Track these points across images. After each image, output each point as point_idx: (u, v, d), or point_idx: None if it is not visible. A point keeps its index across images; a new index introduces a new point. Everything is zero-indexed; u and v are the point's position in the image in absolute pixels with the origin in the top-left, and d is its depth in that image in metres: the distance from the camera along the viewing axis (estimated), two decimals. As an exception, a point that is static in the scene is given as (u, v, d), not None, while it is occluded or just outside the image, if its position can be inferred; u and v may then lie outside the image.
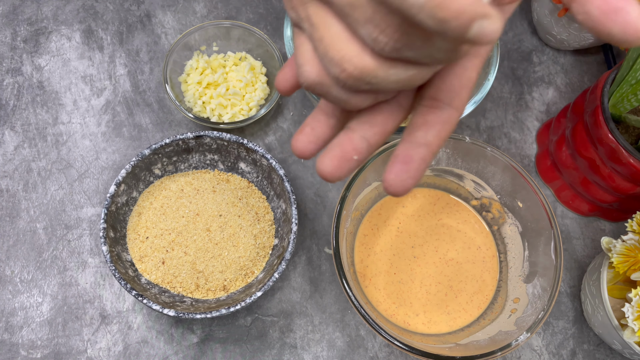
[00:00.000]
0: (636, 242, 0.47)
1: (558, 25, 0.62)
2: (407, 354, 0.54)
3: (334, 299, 0.56)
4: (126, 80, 0.63)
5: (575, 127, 0.54)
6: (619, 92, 0.50)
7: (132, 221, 0.55)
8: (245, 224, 0.55)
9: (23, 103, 0.62)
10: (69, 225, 0.57)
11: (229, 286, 0.53)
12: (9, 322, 0.54)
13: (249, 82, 0.60)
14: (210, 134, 0.54)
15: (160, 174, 0.56)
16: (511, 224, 0.54)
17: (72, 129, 0.61)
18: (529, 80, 0.66)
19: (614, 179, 0.52)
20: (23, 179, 0.59)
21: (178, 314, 0.48)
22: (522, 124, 0.64)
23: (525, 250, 0.53)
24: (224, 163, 0.57)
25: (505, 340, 0.46)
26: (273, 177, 0.55)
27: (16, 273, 0.55)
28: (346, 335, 0.55)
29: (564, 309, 0.57)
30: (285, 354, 0.54)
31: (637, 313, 0.45)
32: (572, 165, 0.56)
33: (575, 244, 0.59)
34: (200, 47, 0.62)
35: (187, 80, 0.60)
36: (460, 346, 0.48)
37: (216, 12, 0.67)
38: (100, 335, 0.54)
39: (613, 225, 0.60)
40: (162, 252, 0.53)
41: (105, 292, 0.55)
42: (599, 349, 0.55)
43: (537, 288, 0.49)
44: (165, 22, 0.66)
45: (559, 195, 0.60)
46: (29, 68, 0.63)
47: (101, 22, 0.65)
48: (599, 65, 0.67)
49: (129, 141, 0.61)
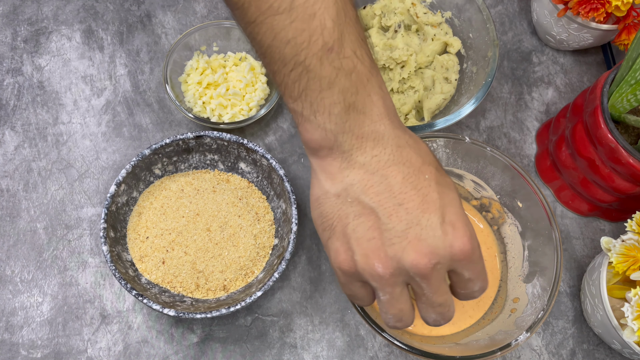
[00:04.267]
0: (635, 242, 0.47)
1: (558, 26, 0.62)
2: (407, 354, 0.54)
3: (334, 299, 0.56)
4: (126, 80, 0.63)
5: (574, 127, 0.55)
6: (618, 92, 0.50)
7: (132, 221, 0.55)
8: (245, 224, 0.55)
9: (23, 103, 0.62)
10: (69, 225, 0.57)
11: (229, 286, 0.53)
12: (9, 321, 0.54)
13: (249, 82, 0.60)
14: (210, 134, 0.54)
15: (161, 174, 0.56)
16: (511, 224, 0.54)
17: (72, 129, 0.61)
18: (528, 80, 0.66)
19: (614, 178, 0.52)
20: (23, 179, 0.59)
21: (178, 314, 0.48)
22: (521, 124, 0.64)
23: (525, 250, 0.53)
24: (224, 163, 0.57)
25: (505, 340, 0.46)
26: (273, 177, 0.55)
27: (16, 273, 0.55)
28: (346, 335, 0.55)
29: (563, 308, 0.57)
30: (285, 353, 0.54)
31: (636, 313, 0.45)
32: (571, 165, 0.56)
33: (574, 243, 0.59)
34: (201, 47, 0.62)
35: (187, 80, 0.60)
36: (460, 346, 0.49)
37: (216, 12, 0.67)
38: (101, 335, 0.54)
39: (612, 225, 0.60)
40: (162, 252, 0.53)
41: (105, 292, 0.55)
42: (599, 348, 0.56)
43: (536, 288, 0.50)
44: (165, 22, 0.66)
45: (558, 195, 0.60)
46: (30, 68, 0.63)
47: (101, 22, 0.66)
48: (599, 66, 0.67)
49: (129, 141, 0.61)
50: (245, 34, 0.37)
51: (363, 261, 0.36)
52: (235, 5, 0.36)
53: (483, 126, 0.64)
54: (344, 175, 0.37)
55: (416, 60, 0.60)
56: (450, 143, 0.53)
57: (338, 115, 0.36)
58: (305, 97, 0.36)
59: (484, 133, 0.63)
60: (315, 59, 0.34)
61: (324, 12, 0.34)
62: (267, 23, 0.35)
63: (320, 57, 0.34)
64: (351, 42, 0.35)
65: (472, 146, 0.52)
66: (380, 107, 0.36)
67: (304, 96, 0.36)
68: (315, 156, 0.38)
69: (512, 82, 0.66)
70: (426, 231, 0.35)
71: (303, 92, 0.36)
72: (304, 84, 0.35)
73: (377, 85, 0.37)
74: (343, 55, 0.35)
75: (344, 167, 0.37)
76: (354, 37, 0.36)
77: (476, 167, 0.54)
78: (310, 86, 0.35)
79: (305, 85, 0.35)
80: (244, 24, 0.36)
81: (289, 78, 0.36)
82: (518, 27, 0.69)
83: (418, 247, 0.35)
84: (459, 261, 0.36)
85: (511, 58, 0.67)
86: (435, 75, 0.60)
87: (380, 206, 0.36)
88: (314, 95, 0.35)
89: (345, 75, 0.35)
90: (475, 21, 0.59)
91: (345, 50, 0.35)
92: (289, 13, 0.34)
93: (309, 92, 0.35)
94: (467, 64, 0.60)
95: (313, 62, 0.35)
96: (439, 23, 0.62)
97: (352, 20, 0.36)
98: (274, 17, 0.34)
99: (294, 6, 0.34)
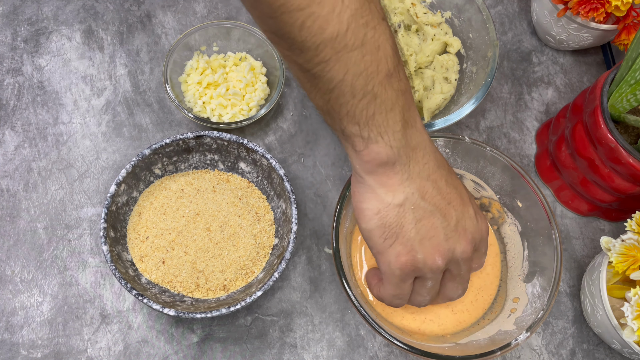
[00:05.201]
0: (635, 242, 0.47)
1: (557, 26, 0.62)
2: (407, 354, 0.54)
3: (334, 299, 0.56)
4: (126, 80, 0.63)
5: (574, 127, 0.55)
6: (618, 92, 0.50)
7: (132, 221, 0.55)
8: (245, 224, 0.55)
9: (23, 103, 0.62)
10: (69, 225, 0.57)
11: (229, 286, 0.53)
12: (9, 321, 0.54)
13: (249, 82, 0.60)
14: (210, 134, 0.54)
15: (161, 173, 0.56)
16: (511, 224, 0.55)
17: (72, 129, 0.61)
18: (528, 80, 0.66)
19: (613, 178, 0.52)
20: (23, 179, 0.59)
21: (178, 314, 0.48)
22: (521, 124, 0.64)
23: (524, 250, 0.53)
24: (224, 163, 0.57)
25: (505, 340, 0.46)
26: (273, 177, 0.55)
27: (16, 273, 0.55)
28: (346, 335, 0.55)
29: (563, 308, 0.57)
30: (285, 353, 0.54)
31: (636, 312, 0.45)
32: (571, 165, 0.57)
33: (574, 243, 0.59)
34: (201, 47, 0.62)
35: (187, 80, 0.60)
36: (460, 346, 0.49)
37: (216, 12, 0.67)
38: (101, 335, 0.54)
39: (612, 225, 0.60)
40: (162, 251, 0.53)
41: (105, 291, 0.55)
42: (599, 348, 0.56)
43: (536, 288, 0.50)
44: (165, 22, 0.66)
45: (558, 195, 0.60)
46: (30, 68, 0.63)
47: (101, 22, 0.66)
48: (598, 66, 0.67)
49: (129, 141, 0.61)
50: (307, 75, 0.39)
51: (426, 257, 0.42)
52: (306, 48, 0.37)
53: (483, 126, 0.64)
54: (405, 186, 0.41)
55: (416, 60, 0.60)
56: (450, 143, 0.53)
57: (400, 132, 0.40)
58: (372, 122, 0.39)
59: (484, 133, 0.63)
60: (381, 86, 0.38)
61: (386, 43, 0.38)
62: (341, 60, 0.37)
63: (385, 84, 0.38)
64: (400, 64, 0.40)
65: (472, 146, 0.52)
66: (418, 118, 0.42)
67: (371, 122, 0.39)
68: (374, 174, 0.41)
69: (512, 82, 0.66)
70: (468, 222, 0.43)
71: (371, 118, 0.39)
72: (371, 110, 0.39)
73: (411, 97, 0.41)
74: (398, 78, 0.39)
75: (405, 179, 0.41)
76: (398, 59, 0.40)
77: (476, 167, 0.54)
78: (377, 111, 0.39)
79: (373, 111, 0.39)
80: (311, 64, 0.38)
81: (357, 107, 0.38)
82: (518, 27, 0.69)
83: (466, 236, 0.43)
84: (482, 241, 0.46)
85: (511, 58, 0.67)
86: (435, 75, 0.60)
87: (437, 208, 0.42)
88: (381, 118, 0.39)
89: (402, 95, 0.40)
90: (475, 21, 0.59)
91: (400, 74, 0.39)
92: (361, 48, 0.37)
93: (376, 117, 0.39)
94: (467, 64, 0.60)
95: (380, 89, 0.38)
96: (439, 23, 0.62)
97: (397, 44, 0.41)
98: (348, 54, 0.37)
99: (365, 41, 0.37)
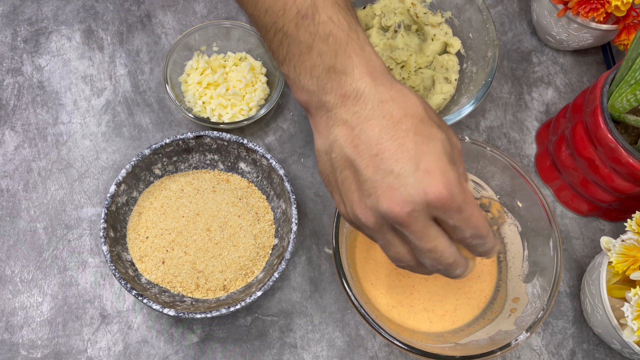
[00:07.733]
0: (635, 242, 0.47)
1: (557, 26, 0.62)
2: (407, 354, 0.54)
3: (334, 299, 0.56)
4: (126, 80, 0.63)
5: (574, 127, 0.55)
6: (618, 92, 0.50)
7: (132, 221, 0.55)
8: (245, 224, 0.55)
9: (23, 103, 0.62)
10: (69, 225, 0.57)
11: (229, 286, 0.53)
12: (9, 321, 0.54)
13: (249, 82, 0.60)
14: (210, 134, 0.54)
15: (161, 173, 0.56)
16: (511, 224, 0.55)
17: (72, 129, 0.61)
18: (528, 80, 0.66)
19: (613, 178, 0.52)
20: (23, 179, 0.59)
21: (178, 314, 0.48)
22: (521, 124, 0.64)
23: (524, 250, 0.53)
24: (224, 163, 0.57)
25: (505, 340, 0.46)
26: (273, 177, 0.55)
27: (16, 273, 0.55)
28: (346, 335, 0.55)
29: (563, 308, 0.57)
30: (285, 353, 0.54)
31: (636, 312, 0.45)
32: (571, 165, 0.57)
33: (574, 243, 0.59)
34: (201, 47, 0.62)
35: (187, 80, 0.60)
36: (460, 346, 0.49)
37: (216, 12, 0.67)
38: (101, 335, 0.54)
39: (612, 225, 0.60)
40: (162, 251, 0.53)
41: (105, 291, 0.55)
42: (599, 348, 0.56)
43: (536, 288, 0.50)
44: (165, 22, 0.66)
45: (558, 195, 0.60)
46: (29, 68, 0.63)
47: (101, 22, 0.66)
48: (598, 66, 0.67)
49: (129, 141, 0.61)
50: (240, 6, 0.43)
51: (350, 212, 0.39)
52: None
53: (483, 126, 0.64)
54: (330, 132, 0.39)
55: (416, 61, 0.60)
56: (450, 143, 0.53)
57: (319, 77, 0.39)
58: (289, 61, 0.40)
59: (484, 133, 0.63)
60: (292, 25, 0.38)
61: None
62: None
63: (297, 24, 0.38)
64: (326, 9, 0.38)
65: (472, 146, 0.52)
66: (361, 67, 0.38)
67: (287, 60, 0.40)
68: (309, 115, 0.41)
69: (512, 82, 0.66)
70: (399, 179, 0.36)
71: (286, 56, 0.40)
72: (285, 49, 0.39)
73: (358, 47, 0.39)
74: (318, 21, 0.38)
75: (330, 125, 0.39)
76: (329, 4, 0.39)
77: (476, 167, 0.54)
78: (291, 50, 0.39)
79: (287, 50, 0.39)
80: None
81: (274, 43, 0.40)
82: (518, 27, 0.69)
83: (390, 196, 0.36)
84: (437, 208, 0.36)
85: (511, 58, 0.67)
86: (435, 75, 0.60)
87: (358, 157, 0.37)
88: (295, 58, 0.39)
89: (321, 40, 0.38)
90: (475, 21, 0.59)
91: (319, 17, 0.38)
92: None
93: (290, 56, 0.39)
94: (467, 64, 0.60)
95: (291, 28, 0.38)
96: (439, 23, 0.62)
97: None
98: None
99: None
